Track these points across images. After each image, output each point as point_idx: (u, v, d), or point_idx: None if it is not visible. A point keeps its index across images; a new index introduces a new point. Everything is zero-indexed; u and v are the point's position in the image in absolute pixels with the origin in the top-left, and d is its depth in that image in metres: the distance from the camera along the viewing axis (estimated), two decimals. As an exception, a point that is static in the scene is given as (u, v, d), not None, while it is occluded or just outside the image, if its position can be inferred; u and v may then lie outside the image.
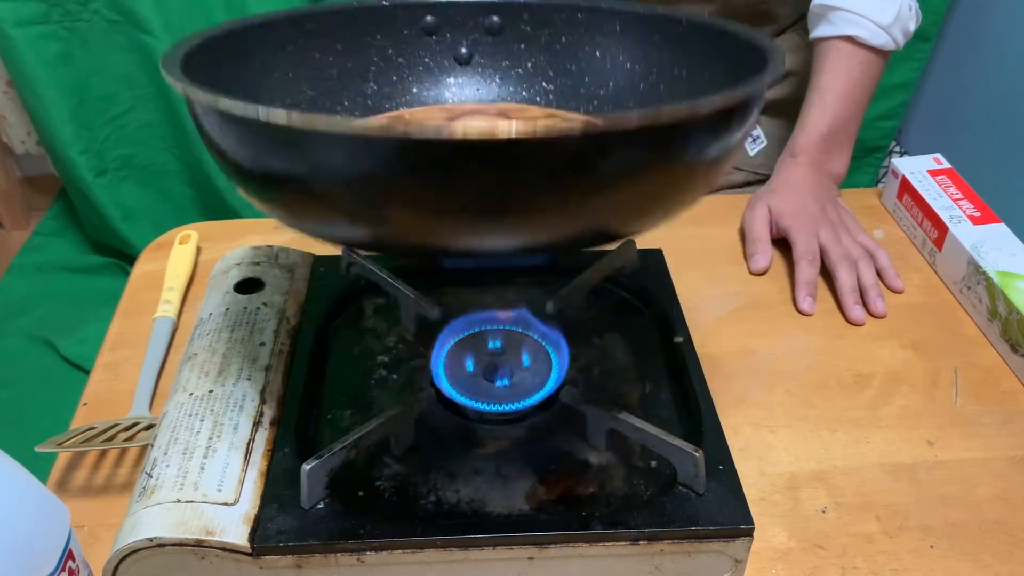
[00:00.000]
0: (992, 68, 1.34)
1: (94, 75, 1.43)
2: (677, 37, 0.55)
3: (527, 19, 0.59)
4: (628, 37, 0.58)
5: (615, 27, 0.58)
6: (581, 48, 0.59)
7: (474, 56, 0.61)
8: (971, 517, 0.56)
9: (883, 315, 0.72)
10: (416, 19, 0.58)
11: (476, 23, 0.59)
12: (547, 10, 0.59)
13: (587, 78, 0.60)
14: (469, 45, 0.60)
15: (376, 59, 0.58)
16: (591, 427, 0.51)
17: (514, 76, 0.61)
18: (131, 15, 1.36)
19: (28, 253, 1.72)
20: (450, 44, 0.60)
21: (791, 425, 0.62)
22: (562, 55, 0.60)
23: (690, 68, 0.55)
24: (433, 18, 0.59)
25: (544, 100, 0.61)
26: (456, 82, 0.61)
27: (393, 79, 0.60)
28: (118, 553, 0.44)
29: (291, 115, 0.31)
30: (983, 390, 0.66)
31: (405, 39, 0.59)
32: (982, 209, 0.76)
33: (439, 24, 0.59)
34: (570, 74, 0.60)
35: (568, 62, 0.60)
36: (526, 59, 0.60)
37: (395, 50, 0.59)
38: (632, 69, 0.58)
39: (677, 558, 0.46)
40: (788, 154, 0.83)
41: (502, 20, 0.59)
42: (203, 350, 0.56)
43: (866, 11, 0.78)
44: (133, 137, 1.51)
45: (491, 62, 0.61)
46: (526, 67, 0.61)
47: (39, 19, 1.36)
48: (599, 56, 0.59)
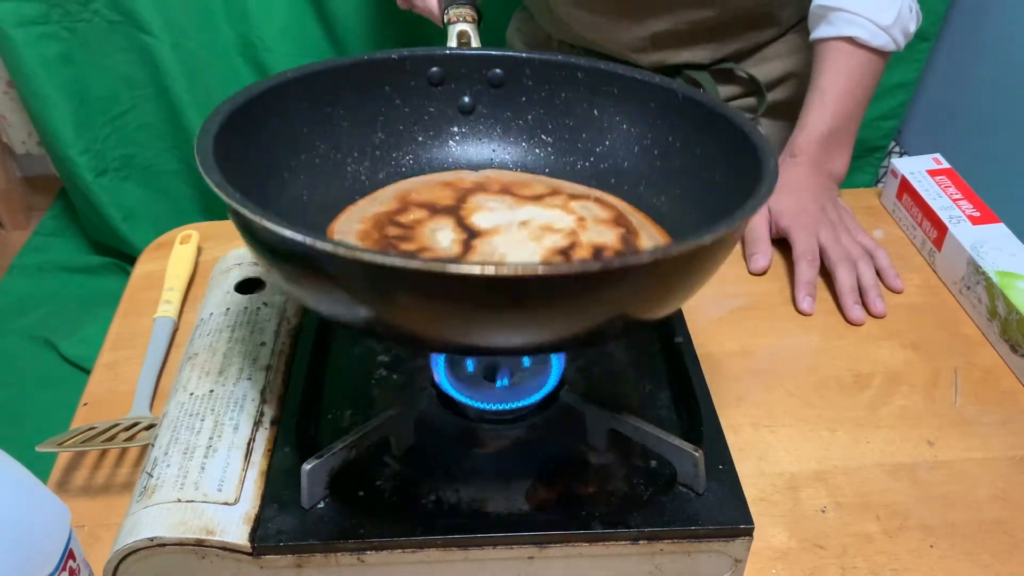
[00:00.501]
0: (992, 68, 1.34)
1: (94, 75, 1.43)
2: (673, 106, 0.57)
3: (529, 74, 0.61)
4: (626, 100, 0.59)
5: (613, 89, 0.60)
6: (580, 105, 0.61)
7: (477, 106, 0.62)
8: (971, 517, 0.56)
9: (883, 315, 0.72)
10: (423, 70, 0.60)
11: (480, 75, 0.61)
12: (548, 67, 0.60)
13: (584, 134, 0.62)
14: (473, 96, 0.62)
15: (384, 109, 0.60)
16: (591, 427, 0.51)
17: (515, 127, 0.63)
18: (131, 15, 1.36)
19: (28, 253, 1.72)
20: (454, 94, 0.62)
21: (791, 425, 0.62)
22: (561, 110, 0.62)
23: (684, 140, 0.57)
24: (439, 69, 0.61)
25: (543, 152, 0.63)
26: (459, 131, 0.63)
27: (399, 128, 0.61)
28: (118, 553, 0.44)
29: (337, 248, 0.37)
30: (983, 390, 0.66)
31: (412, 89, 0.60)
32: (982, 209, 0.76)
33: (444, 75, 0.61)
34: (569, 129, 0.62)
35: (567, 117, 0.62)
36: (527, 112, 0.62)
37: (402, 100, 0.61)
38: (629, 131, 0.60)
39: (677, 558, 0.46)
40: (788, 154, 0.83)
41: (505, 73, 0.61)
42: (204, 350, 0.56)
43: (866, 12, 0.78)
44: (133, 137, 1.51)
45: (493, 113, 0.62)
46: (527, 119, 0.62)
47: (39, 19, 1.36)
48: (597, 115, 0.61)
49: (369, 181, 0.60)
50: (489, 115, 0.62)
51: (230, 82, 1.42)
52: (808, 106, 0.82)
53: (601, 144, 0.61)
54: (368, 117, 0.60)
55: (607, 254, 0.51)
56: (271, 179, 0.54)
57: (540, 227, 0.54)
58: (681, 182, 0.57)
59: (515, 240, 0.52)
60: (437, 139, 0.62)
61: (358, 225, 0.52)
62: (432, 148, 0.62)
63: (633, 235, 0.54)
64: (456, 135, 0.63)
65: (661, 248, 0.38)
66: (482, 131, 0.63)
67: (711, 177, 0.54)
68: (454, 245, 0.51)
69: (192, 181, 1.58)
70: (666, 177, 0.58)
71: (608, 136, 0.61)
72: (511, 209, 0.56)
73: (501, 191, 0.58)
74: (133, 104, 1.48)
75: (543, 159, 0.63)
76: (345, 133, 0.59)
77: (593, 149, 0.61)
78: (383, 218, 0.54)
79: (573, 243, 0.52)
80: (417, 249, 0.50)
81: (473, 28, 0.66)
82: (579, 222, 0.55)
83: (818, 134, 0.81)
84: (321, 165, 0.57)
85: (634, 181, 0.59)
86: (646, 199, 0.58)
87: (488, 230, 0.53)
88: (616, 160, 0.60)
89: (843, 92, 0.80)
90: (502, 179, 0.60)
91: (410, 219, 0.54)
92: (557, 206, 0.56)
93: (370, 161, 0.60)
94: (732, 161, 0.51)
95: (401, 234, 0.52)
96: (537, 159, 0.63)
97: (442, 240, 0.52)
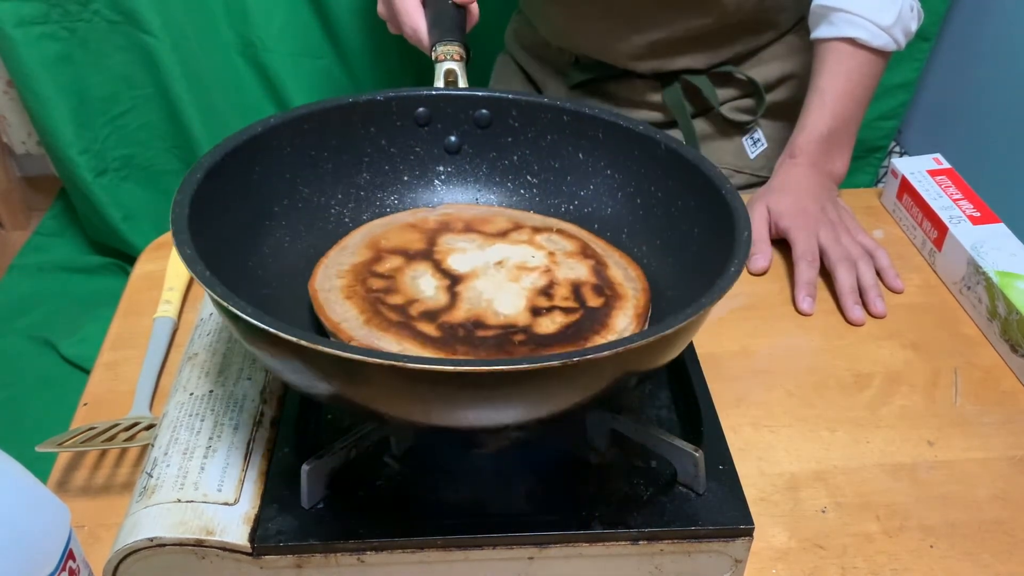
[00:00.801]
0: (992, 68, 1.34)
1: (94, 75, 1.43)
2: (656, 157, 0.57)
3: (515, 115, 0.61)
4: (610, 145, 0.60)
5: (598, 134, 0.60)
6: (565, 147, 0.61)
7: (463, 146, 0.62)
8: (971, 517, 0.56)
9: (883, 315, 0.72)
10: (409, 111, 0.60)
11: (466, 115, 0.61)
12: (534, 108, 0.61)
13: (570, 176, 0.62)
14: (459, 136, 0.62)
15: (369, 150, 0.60)
16: (591, 427, 0.51)
17: (500, 168, 0.63)
18: (131, 15, 1.36)
19: (28, 253, 1.72)
20: (440, 134, 0.62)
21: (791, 425, 0.62)
22: (547, 152, 0.62)
23: (665, 191, 0.58)
24: (425, 109, 0.61)
25: (528, 193, 0.63)
26: (445, 171, 0.63)
27: (385, 168, 0.62)
28: (118, 553, 0.44)
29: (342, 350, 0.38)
30: (983, 390, 0.66)
31: (398, 130, 0.61)
32: (982, 209, 0.76)
33: (431, 115, 0.61)
34: (553, 170, 0.62)
35: (552, 159, 0.62)
36: (512, 152, 0.62)
37: (388, 140, 0.61)
38: (613, 176, 0.60)
39: (677, 558, 0.46)
40: (787, 155, 0.83)
41: (491, 114, 0.61)
42: (203, 350, 0.56)
43: (867, 12, 0.78)
44: (133, 137, 1.51)
45: (479, 152, 0.63)
46: (512, 159, 0.63)
47: (39, 19, 1.36)
48: (582, 158, 0.61)
49: (352, 222, 0.60)
50: (475, 155, 0.63)
51: (230, 82, 1.42)
52: (808, 107, 0.82)
53: (586, 188, 0.62)
54: (353, 158, 0.60)
55: (585, 291, 0.53)
56: (253, 227, 0.54)
57: (516, 266, 0.55)
58: (661, 233, 0.58)
59: (496, 283, 0.54)
60: (423, 178, 0.63)
61: (338, 281, 0.53)
62: (418, 187, 0.63)
63: (603, 267, 0.56)
64: (442, 174, 0.63)
65: (622, 340, 0.40)
66: (468, 171, 0.63)
67: (690, 231, 0.55)
68: (439, 293, 0.52)
69: (192, 181, 1.58)
70: (647, 226, 0.59)
71: (592, 180, 0.61)
72: (481, 249, 0.57)
73: (466, 229, 0.59)
74: (133, 104, 1.48)
75: (528, 200, 0.63)
76: (329, 175, 0.59)
77: (578, 192, 0.62)
78: (361, 269, 0.54)
79: (551, 281, 0.54)
80: (405, 302, 0.51)
81: (460, 67, 0.67)
82: (550, 257, 0.56)
83: (818, 135, 0.81)
84: (304, 209, 0.58)
85: (616, 227, 0.60)
86: (628, 247, 0.59)
87: (467, 274, 0.54)
88: (600, 205, 0.61)
89: (843, 93, 0.80)
90: (463, 216, 0.61)
91: (387, 268, 0.54)
92: (524, 241, 0.58)
93: (354, 202, 0.61)
94: (711, 222, 0.52)
95: (384, 286, 0.53)
96: (522, 199, 0.63)
97: (426, 288, 0.53)
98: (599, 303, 0.52)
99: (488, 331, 0.49)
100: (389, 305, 0.51)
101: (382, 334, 0.48)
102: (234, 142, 0.52)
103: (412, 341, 0.48)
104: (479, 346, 0.48)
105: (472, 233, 0.58)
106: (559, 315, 0.51)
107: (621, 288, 0.54)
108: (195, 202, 0.46)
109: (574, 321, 0.51)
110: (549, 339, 0.49)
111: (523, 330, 0.50)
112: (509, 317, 0.51)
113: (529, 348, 0.48)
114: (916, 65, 1.44)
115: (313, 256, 0.56)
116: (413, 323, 0.50)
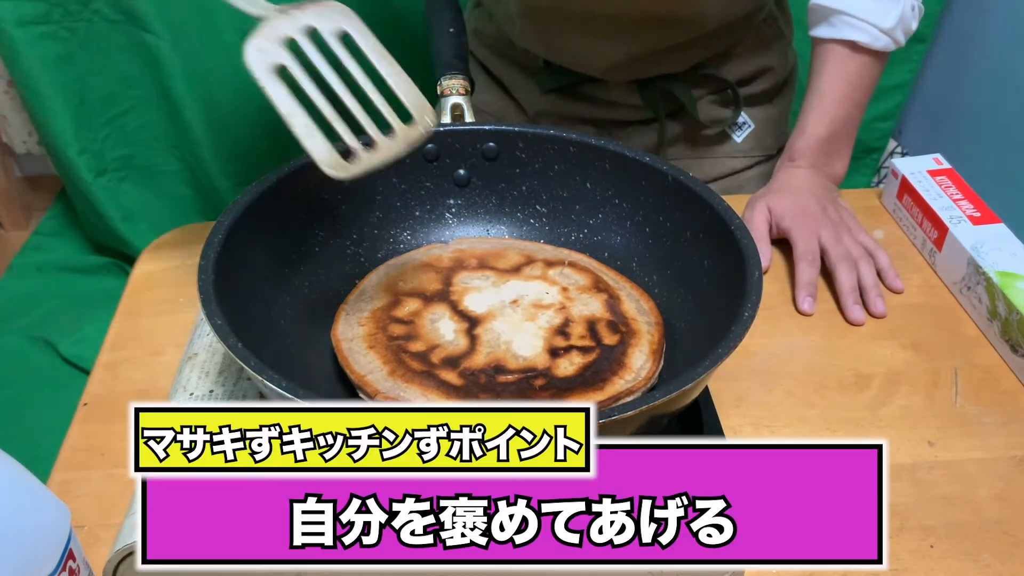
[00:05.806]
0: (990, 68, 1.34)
1: (94, 75, 1.43)
2: (663, 188, 0.58)
3: (522, 147, 0.62)
4: (617, 175, 0.60)
5: (605, 164, 0.61)
6: (572, 177, 0.62)
7: (472, 179, 0.63)
8: (971, 517, 0.56)
9: (883, 315, 0.72)
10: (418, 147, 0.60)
11: (474, 149, 0.62)
12: (541, 140, 0.61)
13: (578, 206, 0.63)
14: (468, 169, 0.63)
15: (380, 188, 0.61)
16: (591, 427, 0.51)
17: (510, 199, 0.64)
18: (132, 15, 1.36)
19: (28, 253, 1.72)
20: (450, 168, 0.63)
21: (791, 425, 0.62)
22: (555, 182, 0.63)
23: (673, 222, 0.58)
24: (433, 146, 0.62)
25: (539, 222, 0.64)
26: (456, 204, 0.64)
27: (397, 204, 0.63)
28: (118, 553, 0.44)
29: None
30: (983, 390, 0.66)
31: (407, 167, 0.61)
32: (982, 209, 0.76)
33: (439, 151, 0.62)
34: (562, 200, 0.63)
35: (560, 189, 0.63)
36: (521, 183, 0.63)
37: (398, 178, 0.62)
38: (621, 205, 0.61)
39: (677, 558, 0.46)
40: (787, 158, 0.83)
41: (498, 147, 0.62)
42: (204, 350, 0.56)
43: (868, 16, 0.77)
44: (133, 137, 1.51)
45: (488, 184, 0.64)
46: (521, 190, 0.63)
47: (39, 19, 1.36)
48: (590, 187, 0.62)
49: (368, 262, 0.61)
50: (484, 187, 0.64)
51: (230, 82, 1.42)
52: (807, 109, 0.82)
53: (594, 217, 0.62)
54: (365, 198, 0.61)
55: (600, 328, 0.54)
56: (274, 278, 0.55)
57: (532, 304, 0.56)
58: (671, 263, 0.58)
59: (513, 324, 0.55)
60: (434, 212, 0.64)
61: (359, 329, 0.54)
62: (429, 222, 0.64)
63: (616, 300, 0.57)
64: (453, 208, 0.64)
65: (644, 399, 0.42)
66: (478, 203, 0.64)
67: (700, 262, 0.56)
68: (459, 337, 0.53)
69: (192, 181, 1.58)
70: (657, 256, 0.59)
71: (601, 210, 0.62)
72: (496, 287, 0.58)
73: (480, 266, 0.60)
74: (133, 104, 1.48)
75: (538, 230, 0.64)
76: (343, 216, 0.60)
77: (587, 221, 0.63)
78: (381, 315, 0.55)
79: (567, 319, 0.55)
80: (427, 348, 0.52)
81: (466, 100, 0.67)
82: (563, 292, 0.57)
83: (817, 138, 0.81)
84: (321, 252, 0.59)
85: (626, 256, 0.61)
86: (638, 276, 0.60)
87: (484, 315, 0.55)
88: (609, 234, 0.62)
89: (842, 96, 0.80)
90: (475, 251, 0.61)
91: (406, 312, 0.55)
92: (537, 277, 0.58)
93: (369, 241, 0.62)
94: (720, 256, 0.53)
95: (405, 332, 0.54)
96: (532, 229, 0.64)
97: (445, 333, 0.54)
98: (615, 340, 0.53)
99: (509, 376, 0.51)
100: (411, 353, 0.52)
101: (407, 385, 0.50)
102: (251, 196, 0.53)
103: (436, 392, 0.49)
104: (501, 393, 0.49)
105: (486, 270, 0.59)
106: (577, 355, 0.52)
107: (635, 323, 0.55)
108: (219, 265, 0.47)
109: (592, 361, 0.52)
110: (569, 383, 0.50)
111: (543, 373, 0.51)
112: (528, 360, 0.52)
113: (550, 393, 0.49)
114: (912, 66, 1.44)
115: (333, 299, 0.57)
116: (436, 372, 0.51)
